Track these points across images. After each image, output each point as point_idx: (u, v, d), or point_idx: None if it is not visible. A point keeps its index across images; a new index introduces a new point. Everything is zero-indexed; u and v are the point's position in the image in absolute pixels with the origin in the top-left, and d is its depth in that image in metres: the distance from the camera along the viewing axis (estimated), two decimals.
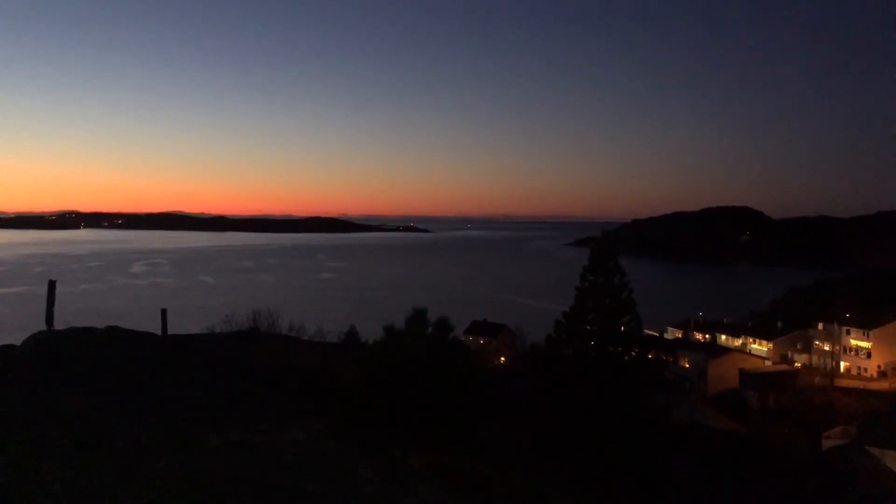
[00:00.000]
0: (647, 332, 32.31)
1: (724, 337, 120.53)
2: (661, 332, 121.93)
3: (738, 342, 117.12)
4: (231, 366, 26.20)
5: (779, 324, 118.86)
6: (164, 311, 25.23)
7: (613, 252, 28.02)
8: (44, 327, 22.36)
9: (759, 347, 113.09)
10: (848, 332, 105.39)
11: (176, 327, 29.91)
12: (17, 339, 26.05)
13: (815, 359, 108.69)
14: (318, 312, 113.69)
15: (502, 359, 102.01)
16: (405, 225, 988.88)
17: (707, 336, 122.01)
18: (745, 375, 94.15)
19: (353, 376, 18.43)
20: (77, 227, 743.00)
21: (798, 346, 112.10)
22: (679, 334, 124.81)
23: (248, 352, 39.26)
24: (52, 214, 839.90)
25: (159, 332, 25.55)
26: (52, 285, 21.94)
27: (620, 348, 27.60)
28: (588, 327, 27.16)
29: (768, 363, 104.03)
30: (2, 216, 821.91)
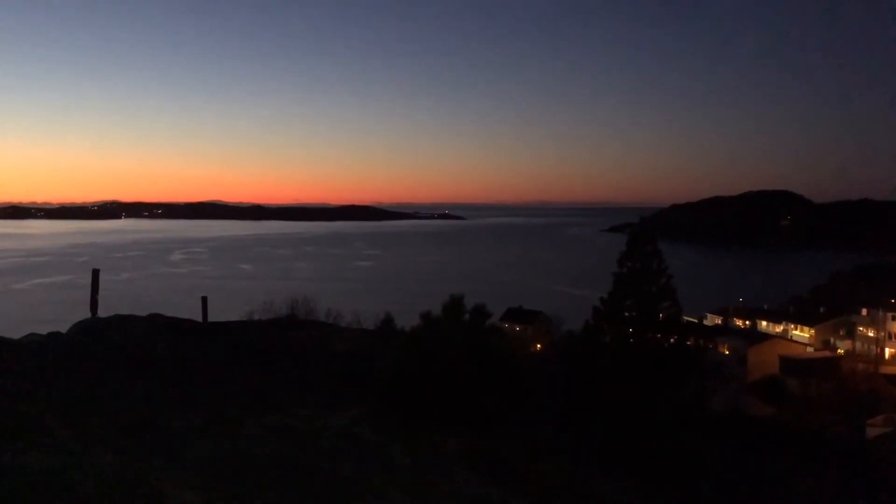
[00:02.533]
0: (686, 318, 31.89)
1: (764, 323, 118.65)
2: (701, 318, 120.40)
3: (779, 328, 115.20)
4: (269, 352, 26.56)
5: (821, 309, 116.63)
6: (204, 299, 25.60)
7: (652, 237, 27.65)
8: (88, 315, 22.86)
9: (801, 334, 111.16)
10: (893, 318, 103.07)
11: (215, 314, 30.33)
12: (62, 326, 26.67)
13: (858, 345, 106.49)
14: (354, 300, 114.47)
15: (538, 346, 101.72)
16: (440, 212, 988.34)
17: (747, 322, 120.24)
18: (785, 362, 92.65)
19: (390, 363, 18.52)
20: (118, 216, 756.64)
21: (841, 333, 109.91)
22: (719, 321, 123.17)
23: (286, 338, 39.74)
24: (94, 205, 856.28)
25: (200, 319, 25.94)
26: (95, 274, 22.38)
27: (659, 335, 27.28)
28: (626, 314, 26.85)
29: (810, 350, 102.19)
30: (46, 207, 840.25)
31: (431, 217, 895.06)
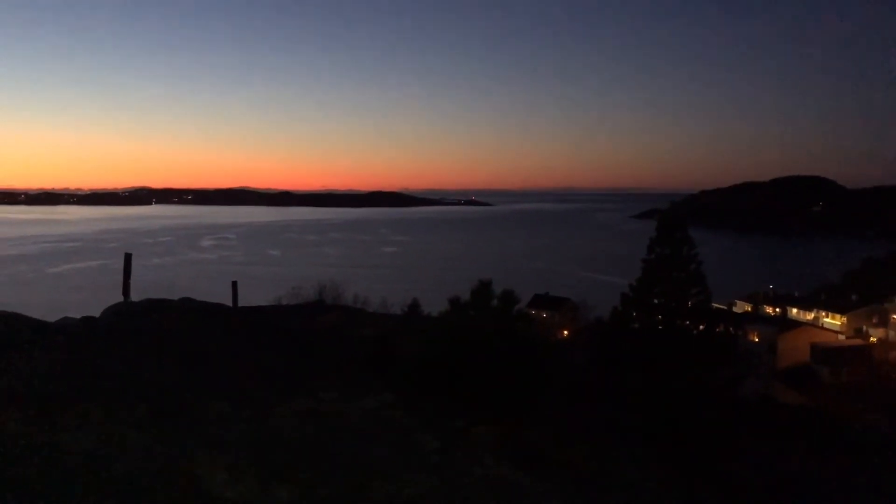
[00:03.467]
0: (715, 305, 31.53)
1: (794, 310, 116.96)
2: (730, 305, 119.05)
3: (809, 316, 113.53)
4: (298, 336, 26.76)
5: (853, 297, 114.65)
6: (234, 284, 25.78)
7: (681, 223, 27.35)
8: (121, 299, 23.15)
9: (832, 321, 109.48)
10: None
11: (245, 299, 30.56)
12: (94, 310, 27.05)
13: (891, 333, 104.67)
14: (380, 285, 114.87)
15: (565, 332, 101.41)
16: (466, 198, 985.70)
17: (777, 309, 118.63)
18: (816, 350, 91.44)
19: (419, 348, 18.56)
20: (148, 202, 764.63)
21: (874, 320, 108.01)
22: (748, 307, 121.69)
23: (315, 323, 40.03)
24: (125, 191, 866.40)
25: (231, 304, 26.16)
26: (128, 258, 22.62)
27: (688, 322, 27.03)
28: (655, 300, 26.64)
29: (842, 338, 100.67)
30: (78, 193, 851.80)
31: (458, 203, 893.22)
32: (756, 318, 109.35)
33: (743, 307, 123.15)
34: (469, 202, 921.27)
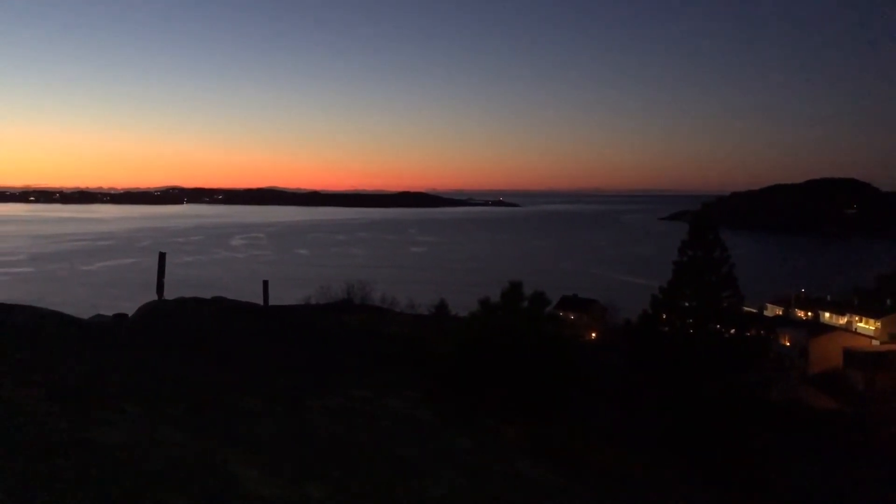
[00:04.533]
0: (746, 308, 31.20)
1: (827, 314, 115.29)
2: (761, 308, 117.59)
3: (842, 320, 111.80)
4: (328, 335, 26.94)
5: (887, 301, 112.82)
6: (265, 283, 26.07)
7: (713, 225, 27.11)
8: (154, 297, 23.50)
9: (866, 326, 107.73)
10: None
11: (275, 297, 30.86)
12: (127, 307, 27.51)
13: None
14: (408, 285, 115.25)
15: (593, 334, 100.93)
16: (494, 199, 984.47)
17: (809, 313, 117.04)
18: (849, 354, 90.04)
19: (449, 347, 18.61)
20: (180, 202, 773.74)
21: None
22: (779, 311, 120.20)
23: (343, 322, 40.29)
24: (157, 190, 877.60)
25: (262, 303, 26.44)
26: (162, 257, 22.94)
27: (719, 325, 26.77)
28: (686, 303, 26.43)
29: (875, 343, 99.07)
30: (111, 192, 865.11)
31: (486, 204, 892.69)
32: (787, 321, 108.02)
33: (774, 311, 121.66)
34: (497, 203, 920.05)
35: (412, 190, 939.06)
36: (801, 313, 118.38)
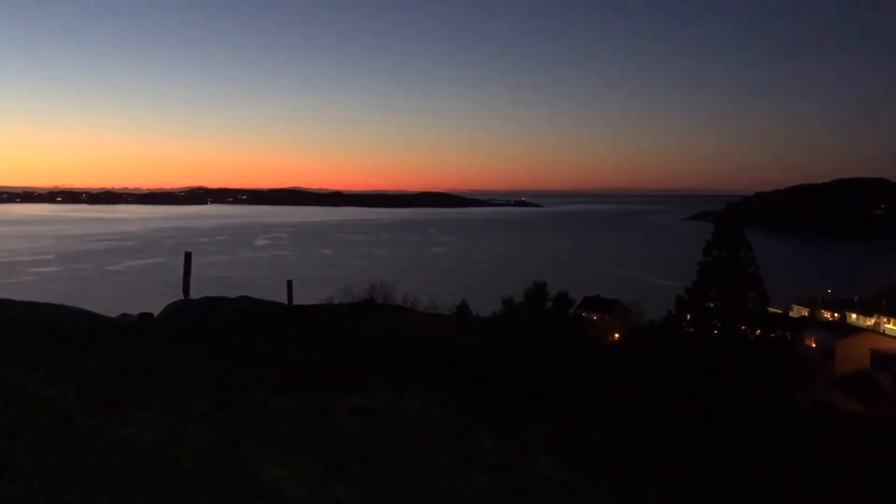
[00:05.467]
0: (771, 309, 30.87)
1: (854, 316, 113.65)
2: (786, 309, 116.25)
3: (870, 321, 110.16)
4: (351, 335, 27.03)
5: None
6: (289, 283, 26.23)
7: (738, 225, 26.87)
8: (181, 296, 23.73)
9: (894, 327, 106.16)
10: None
11: (298, 297, 31.04)
12: (153, 307, 27.79)
13: None
14: (430, 285, 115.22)
15: (616, 335, 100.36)
16: (516, 199, 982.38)
17: (835, 314, 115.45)
18: (877, 356, 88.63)
19: (473, 348, 18.60)
20: (204, 202, 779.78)
21: None
22: (805, 312, 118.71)
23: (366, 322, 40.36)
24: (181, 190, 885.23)
25: (286, 302, 26.60)
26: (188, 256, 23.14)
27: (745, 326, 26.51)
28: (711, 304, 26.21)
29: None
30: (136, 192, 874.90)
31: (507, 204, 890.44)
32: (813, 323, 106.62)
33: (800, 312, 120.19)
34: (518, 203, 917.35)
35: (433, 190, 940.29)
36: (827, 314, 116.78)
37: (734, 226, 26.76)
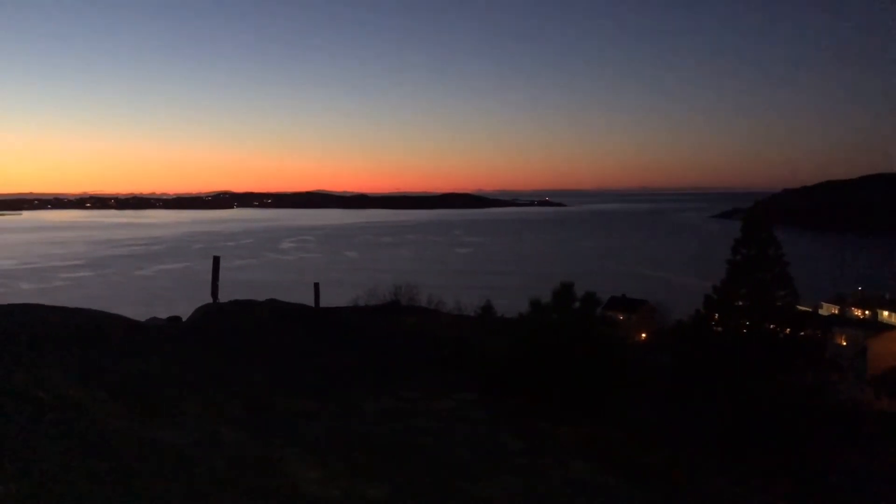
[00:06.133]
0: (800, 307, 30.47)
1: (885, 313, 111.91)
2: (816, 307, 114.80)
3: None
4: (377, 336, 27.13)
5: None
6: (316, 285, 26.38)
7: (766, 223, 26.56)
8: (208, 299, 23.96)
9: None
10: None
11: (325, 299, 31.21)
12: (181, 310, 28.08)
13: None
14: (454, 286, 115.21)
15: (643, 335, 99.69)
16: (540, 199, 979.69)
17: (866, 312, 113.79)
18: None
19: (499, 349, 18.59)
20: (230, 206, 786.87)
21: None
22: (835, 310, 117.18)
23: (392, 324, 40.47)
24: (207, 195, 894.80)
25: (312, 305, 26.76)
26: (216, 261, 23.36)
27: (774, 325, 26.23)
28: (740, 302, 25.94)
29: None
30: (164, 197, 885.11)
31: (532, 204, 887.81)
32: (843, 321, 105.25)
33: (829, 310, 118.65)
34: (543, 203, 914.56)
35: (458, 191, 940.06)
36: (857, 312, 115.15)
37: (762, 223, 26.44)
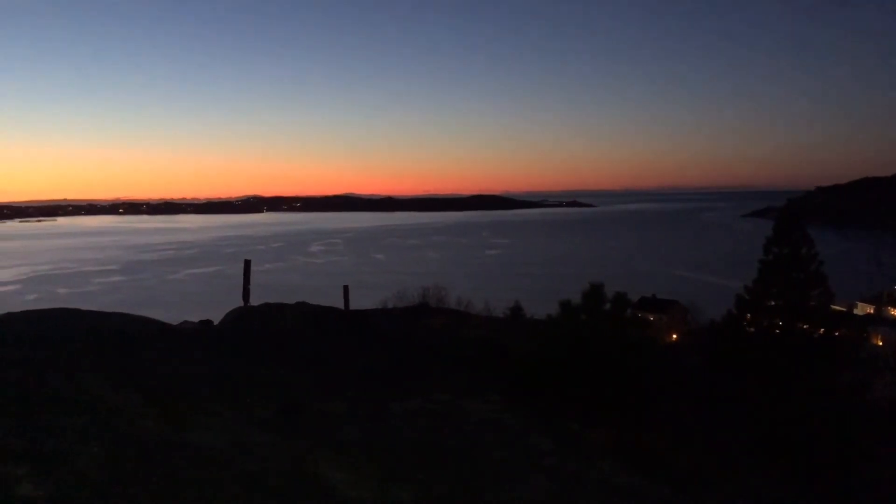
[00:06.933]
0: (835, 307, 29.98)
1: None
2: (850, 306, 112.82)
3: None
4: (407, 338, 27.18)
5: None
6: (346, 288, 26.52)
7: (800, 221, 26.19)
8: (239, 303, 24.20)
9: None
10: None
11: (354, 302, 31.35)
12: (213, 314, 28.35)
13: None
14: (483, 288, 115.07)
15: (673, 336, 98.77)
16: (568, 200, 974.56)
17: None
18: None
19: (529, 350, 18.53)
20: (259, 210, 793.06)
21: None
22: (870, 309, 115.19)
23: (420, 325, 40.55)
24: (237, 199, 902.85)
25: (342, 307, 26.89)
26: (247, 264, 23.57)
27: (808, 324, 25.84)
28: (773, 302, 25.60)
29: None
30: (194, 202, 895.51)
31: (560, 205, 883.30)
32: (880, 320, 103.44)
33: (864, 309, 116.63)
34: (572, 203, 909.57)
35: (486, 193, 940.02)
36: (894, 311, 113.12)
37: (795, 222, 26.09)
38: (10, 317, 16.60)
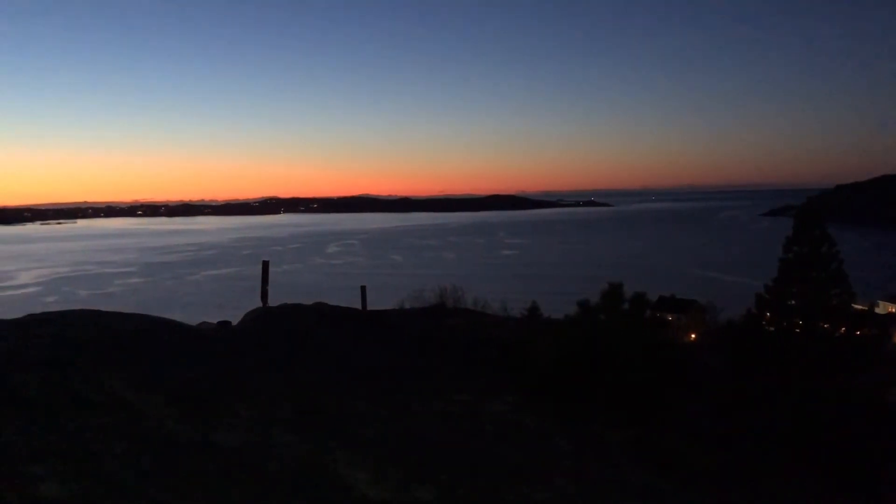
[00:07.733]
0: (855, 306, 29.72)
1: None
2: (871, 305, 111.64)
3: None
4: (425, 339, 27.18)
5: None
6: (363, 288, 26.58)
7: (819, 220, 25.98)
8: (258, 304, 24.30)
9: None
10: None
11: (372, 302, 31.40)
12: (231, 315, 28.52)
13: None
14: (500, 288, 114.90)
15: (692, 336, 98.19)
16: (585, 199, 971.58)
17: None
18: None
19: (548, 350, 18.47)
20: (277, 211, 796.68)
21: None
22: (892, 308, 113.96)
23: (438, 325, 40.53)
24: (255, 201, 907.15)
25: (360, 307, 26.95)
26: (265, 265, 23.67)
27: (829, 324, 25.62)
28: (793, 301, 25.42)
29: None
30: (213, 204, 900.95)
31: (576, 204, 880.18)
32: None
33: (886, 308, 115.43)
34: (588, 203, 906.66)
35: (501, 193, 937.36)
36: None
37: (815, 220, 25.88)
38: (32, 318, 16.78)
